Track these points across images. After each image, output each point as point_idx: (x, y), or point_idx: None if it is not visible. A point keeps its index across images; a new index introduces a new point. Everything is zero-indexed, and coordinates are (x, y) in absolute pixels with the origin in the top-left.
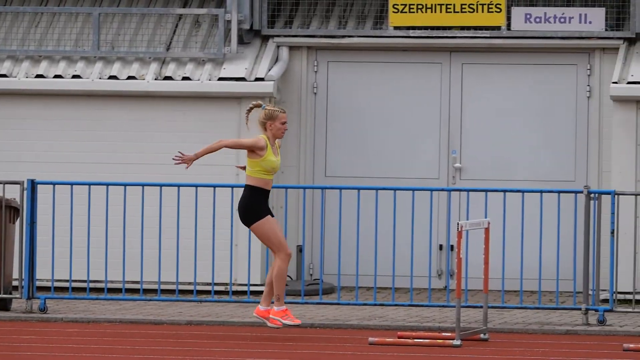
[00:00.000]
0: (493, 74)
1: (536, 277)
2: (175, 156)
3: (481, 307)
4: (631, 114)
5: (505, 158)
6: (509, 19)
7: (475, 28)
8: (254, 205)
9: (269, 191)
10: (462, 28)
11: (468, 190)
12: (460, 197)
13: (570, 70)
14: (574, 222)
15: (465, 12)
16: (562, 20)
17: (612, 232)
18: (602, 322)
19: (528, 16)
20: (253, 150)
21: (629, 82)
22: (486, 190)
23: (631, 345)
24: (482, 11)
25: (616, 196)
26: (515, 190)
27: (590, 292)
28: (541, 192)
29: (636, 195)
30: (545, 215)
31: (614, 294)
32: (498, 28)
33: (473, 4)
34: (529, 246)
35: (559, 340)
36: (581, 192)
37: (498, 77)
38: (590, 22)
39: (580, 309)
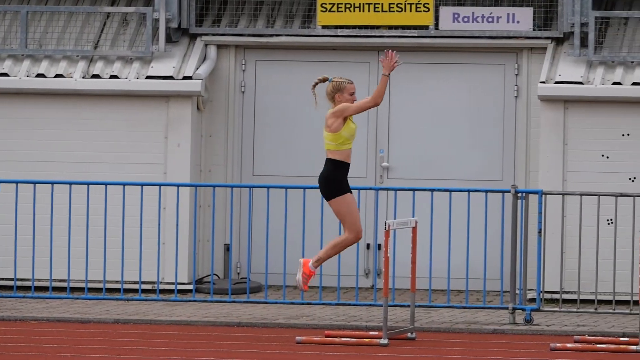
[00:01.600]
0: (421, 74)
1: (463, 276)
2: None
3: (408, 306)
4: (558, 114)
5: (433, 157)
6: (437, 18)
7: (404, 27)
8: (336, 179)
9: (349, 165)
10: (390, 27)
11: (395, 190)
12: (388, 196)
13: (498, 70)
14: (501, 222)
15: (394, 11)
16: (490, 19)
17: (540, 232)
18: (529, 321)
19: (456, 16)
20: (345, 116)
21: (556, 82)
22: (414, 190)
23: (558, 345)
24: (410, 10)
25: (544, 195)
26: (442, 189)
27: (517, 292)
28: (469, 191)
29: (563, 194)
30: (473, 214)
31: (541, 294)
32: (426, 27)
33: (401, 4)
34: (457, 245)
35: (486, 340)
36: (509, 191)
37: (426, 76)
38: (518, 22)
39: (507, 308)
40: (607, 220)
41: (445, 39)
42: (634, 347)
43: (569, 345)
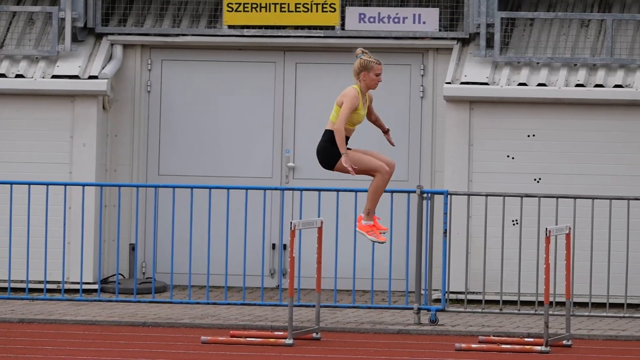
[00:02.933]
0: (327, 74)
1: (369, 276)
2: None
3: (314, 306)
4: (464, 115)
5: None
6: (343, 18)
7: (310, 27)
8: (332, 148)
9: (348, 137)
10: (297, 27)
11: (301, 190)
12: (294, 197)
13: (404, 71)
14: (406, 222)
15: (300, 11)
16: (396, 20)
17: (445, 232)
18: (434, 321)
19: (362, 16)
20: (355, 107)
21: (462, 83)
22: (319, 190)
23: (463, 345)
24: (317, 11)
25: (449, 196)
26: (348, 189)
27: (422, 292)
28: None
29: (469, 195)
30: (378, 214)
31: (446, 294)
32: (332, 28)
33: (307, 4)
34: (362, 245)
35: (391, 340)
36: (414, 191)
37: (332, 76)
38: (424, 23)
39: (412, 309)
40: (512, 220)
41: (351, 39)
42: (538, 348)
43: (473, 345)
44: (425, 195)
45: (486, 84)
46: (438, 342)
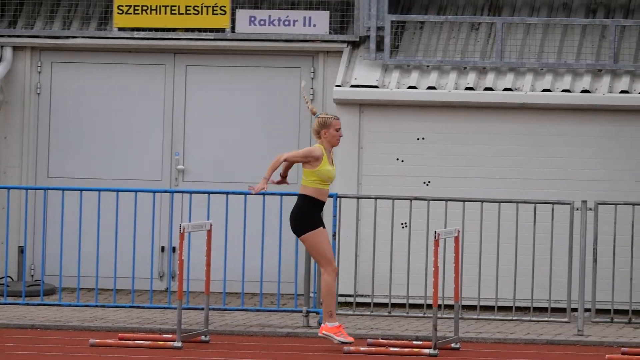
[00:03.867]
0: (217, 76)
1: (258, 279)
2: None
3: (202, 309)
4: (354, 117)
5: (228, 160)
6: (233, 21)
7: (200, 30)
8: (307, 215)
9: (324, 202)
10: (187, 30)
11: (190, 192)
12: (183, 199)
13: (294, 73)
14: None
15: (190, 14)
16: (287, 23)
17: (334, 235)
18: (322, 324)
19: (253, 19)
20: (308, 160)
21: (352, 86)
22: (209, 192)
23: (352, 348)
24: (207, 13)
25: (338, 199)
26: (237, 192)
27: (311, 295)
28: (264, 194)
29: (358, 198)
30: (268, 217)
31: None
32: (222, 30)
33: (198, 6)
34: (251, 248)
35: (280, 343)
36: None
37: (222, 79)
38: (314, 26)
39: (301, 312)
40: (402, 223)
41: (241, 42)
42: (427, 351)
43: (362, 348)
44: None
45: (376, 87)
46: (327, 345)
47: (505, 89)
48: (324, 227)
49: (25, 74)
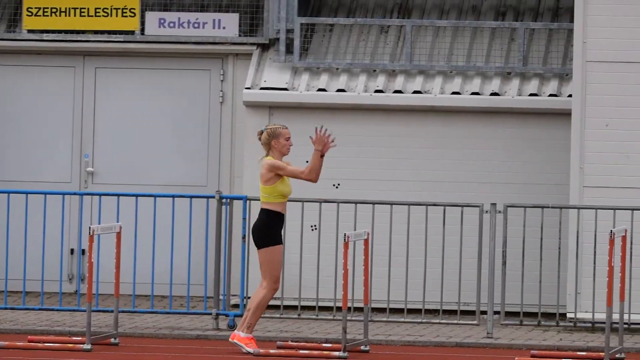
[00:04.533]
0: (127, 79)
1: (167, 281)
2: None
3: (112, 311)
4: (263, 120)
5: (138, 162)
6: (143, 23)
7: (110, 32)
8: (271, 230)
9: (284, 216)
10: (97, 32)
11: (100, 195)
12: (92, 202)
13: (203, 75)
14: (205, 227)
15: (100, 16)
16: (196, 25)
17: (244, 237)
18: (232, 327)
19: (162, 21)
20: (279, 173)
21: (261, 88)
22: (118, 195)
23: (261, 351)
24: (117, 15)
25: (248, 201)
26: (147, 194)
27: (220, 297)
28: (173, 196)
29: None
30: (178, 220)
31: (245, 299)
32: (132, 32)
33: (107, 8)
34: (161, 251)
35: (190, 345)
36: (213, 197)
37: (132, 81)
38: (224, 28)
39: (210, 314)
40: (311, 226)
41: (151, 44)
42: (336, 353)
43: (272, 351)
44: (224, 200)
45: (286, 89)
46: (236, 348)
47: (415, 92)
48: (282, 244)
49: None
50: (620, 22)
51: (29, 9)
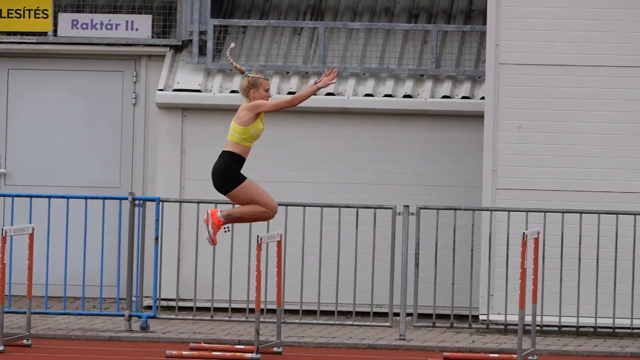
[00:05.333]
0: (40, 80)
1: (80, 283)
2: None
3: (24, 312)
4: (176, 121)
5: (51, 164)
6: (56, 24)
7: (22, 34)
8: (232, 171)
9: (245, 160)
10: (9, 33)
11: (13, 196)
12: (5, 203)
13: (116, 77)
14: (118, 229)
15: (12, 17)
16: (109, 26)
17: (157, 239)
18: (145, 328)
19: (75, 22)
20: (260, 110)
21: (174, 90)
22: (31, 196)
23: (174, 352)
24: (29, 17)
25: (161, 203)
26: (59, 196)
27: (133, 299)
28: (86, 198)
29: (181, 202)
30: (91, 221)
31: (158, 301)
32: (45, 34)
33: (20, 10)
34: (74, 252)
35: (102, 347)
36: (126, 198)
37: (45, 83)
38: (137, 29)
39: (123, 316)
40: (224, 228)
41: (64, 45)
42: (249, 355)
43: (184, 352)
44: (137, 202)
45: (199, 91)
46: (149, 349)
47: (328, 94)
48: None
49: None
50: (533, 25)
51: None
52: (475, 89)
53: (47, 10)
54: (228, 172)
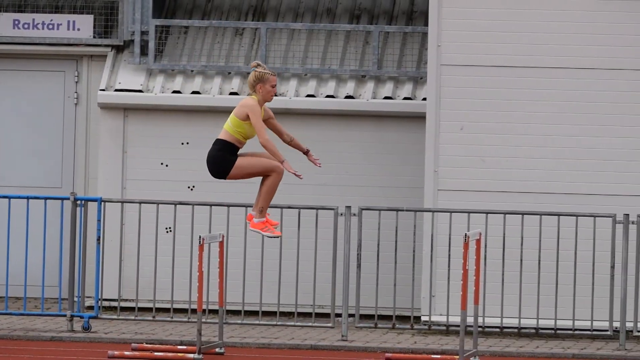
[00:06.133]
0: None
1: (22, 283)
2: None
3: None
4: (118, 122)
5: None
6: None
7: None
8: (224, 157)
9: (238, 148)
10: None
11: None
12: None
13: (58, 77)
14: (60, 229)
15: None
16: (51, 26)
17: (98, 239)
18: (87, 328)
19: (16, 22)
20: (250, 117)
21: (116, 90)
22: None
23: (116, 352)
24: None
25: (103, 203)
26: (1, 196)
27: (75, 299)
28: (28, 198)
29: (123, 202)
30: (33, 221)
31: (100, 301)
32: None
33: None
34: (16, 252)
35: (44, 347)
36: (68, 198)
37: None
38: (79, 30)
39: (65, 316)
40: (166, 228)
41: (5, 45)
42: (191, 356)
43: (126, 353)
44: (79, 202)
45: (140, 91)
46: (91, 350)
47: None
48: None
49: None
50: (475, 26)
51: None
52: (417, 90)
53: None
54: (218, 158)
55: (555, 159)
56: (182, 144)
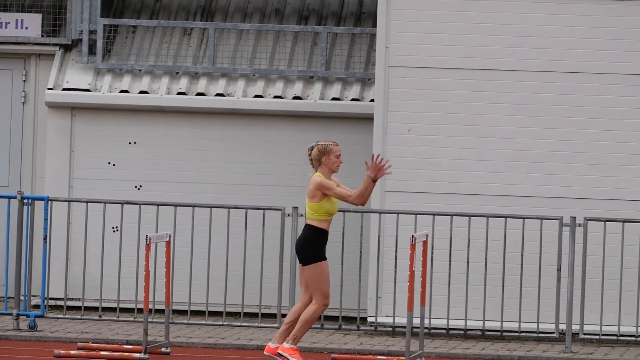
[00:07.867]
0: None
1: None
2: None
3: None
4: (66, 121)
5: None
6: None
7: None
8: (316, 246)
9: (328, 233)
10: None
11: None
12: None
13: (5, 76)
14: (7, 228)
15: None
16: None
17: (45, 238)
18: (33, 327)
19: None
20: (326, 193)
21: (64, 89)
22: None
23: (62, 351)
24: None
25: (50, 202)
26: None
27: (22, 298)
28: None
29: (69, 201)
30: None
31: (46, 300)
32: None
33: None
34: None
35: None
36: (15, 197)
37: None
38: (26, 28)
39: (11, 314)
40: (113, 227)
41: None
42: (137, 355)
43: (72, 352)
44: (25, 201)
45: (88, 90)
46: (37, 349)
47: (218, 95)
48: (326, 259)
49: None
50: (423, 28)
51: None
52: (365, 92)
53: None
54: (308, 245)
55: (502, 161)
56: (130, 143)
